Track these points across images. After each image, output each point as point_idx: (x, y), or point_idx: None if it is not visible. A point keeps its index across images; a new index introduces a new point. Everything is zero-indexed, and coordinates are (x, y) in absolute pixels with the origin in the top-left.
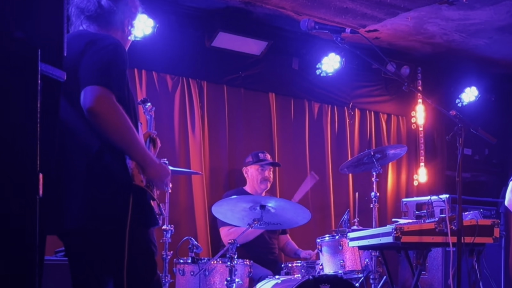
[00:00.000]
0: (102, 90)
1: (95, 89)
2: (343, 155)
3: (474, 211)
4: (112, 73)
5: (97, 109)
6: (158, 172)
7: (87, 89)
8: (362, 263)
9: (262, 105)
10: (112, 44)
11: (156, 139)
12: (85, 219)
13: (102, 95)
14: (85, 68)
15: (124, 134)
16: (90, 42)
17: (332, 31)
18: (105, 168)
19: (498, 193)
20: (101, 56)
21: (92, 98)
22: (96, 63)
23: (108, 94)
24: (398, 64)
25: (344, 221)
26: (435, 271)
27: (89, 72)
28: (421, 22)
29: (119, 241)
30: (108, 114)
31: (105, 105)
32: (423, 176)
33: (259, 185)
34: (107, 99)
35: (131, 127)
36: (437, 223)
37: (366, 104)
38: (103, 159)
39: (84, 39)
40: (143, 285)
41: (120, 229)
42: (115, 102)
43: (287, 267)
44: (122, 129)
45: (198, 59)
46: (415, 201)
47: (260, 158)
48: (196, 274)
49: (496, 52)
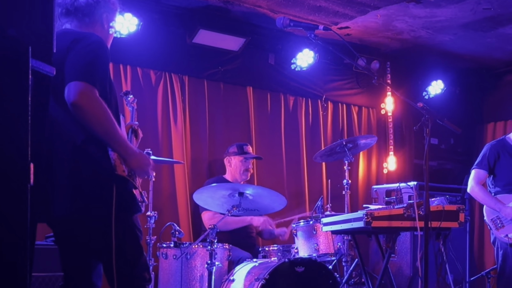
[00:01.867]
0: (85, 86)
1: (78, 84)
2: (316, 145)
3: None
4: (94, 69)
5: (80, 103)
6: (139, 162)
7: (70, 84)
8: (335, 247)
9: (240, 98)
10: (95, 42)
11: (137, 130)
12: (72, 208)
13: (85, 90)
14: (70, 65)
15: (106, 127)
16: (74, 40)
17: (306, 28)
18: (89, 159)
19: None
20: (85, 54)
21: (75, 93)
22: (80, 60)
23: (91, 89)
24: (368, 59)
25: (317, 207)
26: (404, 254)
27: (73, 68)
28: (390, 20)
29: (105, 227)
30: (90, 108)
31: (88, 100)
32: (392, 165)
33: (240, 175)
34: (89, 94)
35: (112, 120)
36: (406, 208)
37: (338, 97)
38: (87, 151)
39: (70, 37)
40: (131, 267)
41: (106, 216)
42: (97, 97)
43: (264, 250)
44: (104, 123)
45: (180, 55)
46: (385, 188)
47: (245, 151)
48: (178, 258)
49: (461, 48)
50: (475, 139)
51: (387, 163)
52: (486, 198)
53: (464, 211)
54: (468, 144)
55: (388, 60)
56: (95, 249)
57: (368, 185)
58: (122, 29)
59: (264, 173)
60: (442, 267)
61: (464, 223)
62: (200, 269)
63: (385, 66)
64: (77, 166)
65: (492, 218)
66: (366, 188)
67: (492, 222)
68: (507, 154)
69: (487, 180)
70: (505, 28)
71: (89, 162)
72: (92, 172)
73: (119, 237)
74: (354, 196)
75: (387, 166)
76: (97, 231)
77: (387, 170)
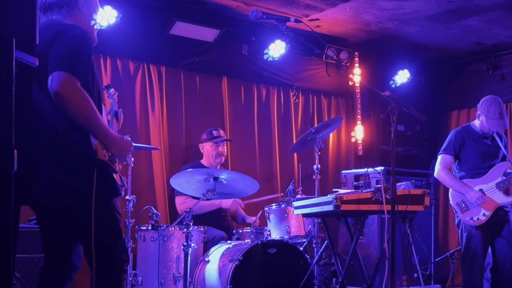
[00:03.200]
0: (67, 76)
1: (61, 74)
2: (288, 132)
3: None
4: (77, 60)
5: (62, 92)
6: (119, 148)
7: (54, 74)
8: (305, 229)
9: (215, 87)
10: (78, 34)
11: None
12: (54, 191)
13: (67, 80)
14: (53, 55)
15: (87, 116)
16: (58, 32)
17: (278, 20)
18: (71, 144)
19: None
20: (68, 45)
21: (58, 83)
22: (63, 51)
23: (73, 79)
24: (337, 50)
25: (289, 191)
26: (372, 236)
27: (57, 59)
28: (358, 12)
29: (86, 210)
30: (72, 98)
31: (70, 89)
32: (360, 150)
33: (214, 159)
34: (71, 84)
35: (93, 109)
36: (373, 192)
37: (309, 86)
38: (69, 137)
39: (54, 29)
40: (109, 248)
41: (86, 199)
42: (79, 87)
43: (238, 233)
44: (85, 111)
45: (157, 46)
46: (353, 173)
47: (214, 136)
48: (155, 240)
49: (426, 39)
50: (440, 126)
51: (356, 149)
52: (452, 182)
53: (429, 195)
54: (433, 131)
55: (356, 51)
56: (76, 231)
57: (337, 170)
58: (102, 21)
59: (237, 159)
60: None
61: (429, 207)
62: (176, 250)
63: (354, 57)
64: (60, 151)
65: (457, 202)
66: (335, 173)
67: (457, 205)
68: (472, 140)
69: (452, 165)
70: (468, 20)
71: (71, 148)
72: (74, 157)
73: (99, 219)
74: (324, 181)
75: (355, 152)
76: (77, 213)
77: (355, 155)
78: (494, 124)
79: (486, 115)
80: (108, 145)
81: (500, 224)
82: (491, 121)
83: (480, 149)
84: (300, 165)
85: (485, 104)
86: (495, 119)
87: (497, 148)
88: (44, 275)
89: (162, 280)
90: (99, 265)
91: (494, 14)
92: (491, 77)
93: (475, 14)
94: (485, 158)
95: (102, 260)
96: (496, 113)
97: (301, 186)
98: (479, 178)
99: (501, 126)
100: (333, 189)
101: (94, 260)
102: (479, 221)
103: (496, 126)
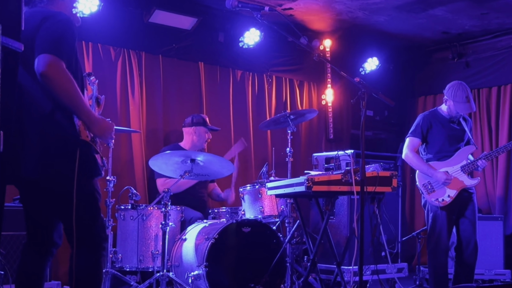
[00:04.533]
0: (53, 58)
1: (47, 57)
2: (262, 116)
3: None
4: (62, 44)
5: (48, 73)
6: (101, 128)
7: (40, 56)
8: (278, 209)
9: (193, 73)
10: (63, 20)
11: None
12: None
13: (53, 62)
14: (40, 39)
15: (71, 96)
16: (44, 18)
17: (253, 9)
18: (56, 125)
19: (396, 149)
20: (54, 30)
21: (44, 64)
22: (49, 35)
23: (58, 61)
24: (309, 38)
25: (263, 173)
26: (342, 216)
27: (43, 42)
28: (330, 2)
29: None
30: (57, 78)
31: (55, 71)
32: (331, 134)
33: (202, 144)
34: (57, 66)
35: (77, 90)
36: (343, 174)
37: (282, 72)
38: (54, 118)
39: (40, 15)
40: (88, 226)
41: (68, 177)
42: (64, 68)
43: (214, 212)
44: (70, 92)
45: (137, 33)
46: (324, 155)
47: (208, 124)
48: (135, 219)
49: (394, 28)
50: (407, 111)
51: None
52: (419, 164)
53: (397, 177)
54: (401, 116)
55: (328, 39)
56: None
57: (309, 153)
58: (85, 9)
59: (214, 142)
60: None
61: (396, 188)
62: (155, 229)
63: (325, 44)
64: (45, 131)
65: (423, 183)
66: (307, 155)
67: (423, 187)
68: (439, 124)
69: (420, 148)
70: (434, 10)
71: (56, 128)
72: (58, 137)
73: (80, 198)
74: (296, 163)
75: (326, 135)
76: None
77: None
78: (461, 107)
79: (453, 99)
80: (90, 126)
81: (464, 205)
82: (459, 105)
83: (446, 133)
84: (274, 148)
85: (452, 89)
86: (463, 103)
87: (463, 132)
88: (26, 251)
89: (141, 257)
90: (79, 242)
91: (459, 5)
92: (456, 64)
93: (441, 5)
94: (451, 142)
95: (82, 237)
96: (463, 97)
97: (274, 168)
98: (445, 160)
99: (468, 109)
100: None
101: (74, 237)
102: (444, 202)
103: (464, 109)
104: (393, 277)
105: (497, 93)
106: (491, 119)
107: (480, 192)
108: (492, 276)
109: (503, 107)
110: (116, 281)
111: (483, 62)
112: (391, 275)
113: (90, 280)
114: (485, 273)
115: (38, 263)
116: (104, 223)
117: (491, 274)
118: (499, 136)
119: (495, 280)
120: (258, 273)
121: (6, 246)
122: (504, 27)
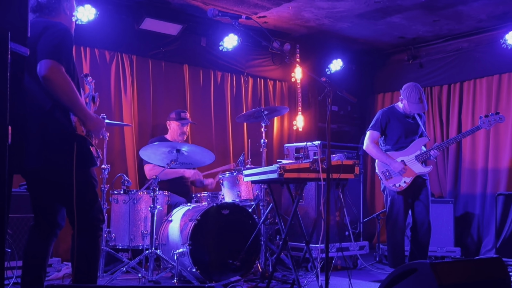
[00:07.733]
0: (54, 63)
1: (48, 62)
2: (239, 111)
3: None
4: (61, 50)
5: (49, 76)
6: (95, 125)
7: (42, 61)
8: (254, 194)
9: (178, 73)
10: (62, 29)
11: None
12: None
13: (54, 66)
14: (41, 46)
15: (70, 96)
16: (45, 27)
17: (232, 17)
18: (55, 121)
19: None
20: (54, 38)
21: (46, 68)
22: (50, 42)
23: (58, 65)
24: (281, 42)
25: (240, 162)
26: (310, 200)
27: (44, 49)
28: (299, 10)
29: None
30: (57, 81)
31: (56, 74)
32: (300, 127)
33: (178, 136)
34: (57, 69)
35: (75, 91)
36: (312, 163)
37: (257, 72)
38: (53, 115)
39: (42, 25)
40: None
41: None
42: (63, 72)
43: (197, 196)
44: (68, 92)
45: (130, 39)
46: (295, 146)
47: (182, 117)
48: (127, 202)
49: (356, 33)
50: (368, 107)
51: (297, 126)
52: (378, 154)
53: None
54: (362, 111)
55: (297, 43)
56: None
57: (281, 144)
58: (83, 17)
59: (197, 134)
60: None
61: (358, 175)
62: (144, 211)
63: (295, 48)
64: (45, 127)
65: (382, 171)
66: (279, 146)
67: (382, 173)
68: (396, 119)
69: (379, 140)
70: (392, 18)
71: (55, 124)
72: (57, 132)
73: (79, 186)
74: (270, 153)
75: (296, 128)
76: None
77: (296, 131)
78: (414, 107)
79: (408, 100)
80: (85, 122)
81: (419, 190)
82: (412, 105)
83: (403, 127)
84: (250, 140)
85: (407, 91)
86: (416, 103)
87: (417, 126)
88: (33, 232)
89: (132, 236)
90: (79, 224)
91: (414, 13)
92: (411, 65)
93: (398, 13)
94: (407, 134)
95: (82, 220)
96: (416, 98)
97: (250, 158)
98: (402, 151)
99: (421, 109)
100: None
101: (76, 220)
102: (401, 187)
103: (417, 109)
104: (355, 254)
105: (448, 90)
106: (442, 114)
107: (433, 179)
108: (444, 253)
109: (453, 103)
110: (110, 258)
111: (435, 63)
112: (354, 252)
113: (89, 257)
114: (437, 250)
115: (43, 242)
116: (101, 207)
117: (443, 251)
118: (450, 129)
119: (447, 257)
120: (236, 250)
121: (13, 227)
122: (453, 33)
